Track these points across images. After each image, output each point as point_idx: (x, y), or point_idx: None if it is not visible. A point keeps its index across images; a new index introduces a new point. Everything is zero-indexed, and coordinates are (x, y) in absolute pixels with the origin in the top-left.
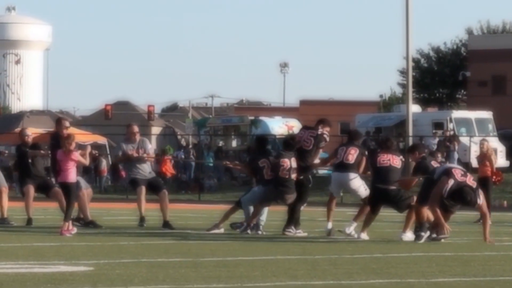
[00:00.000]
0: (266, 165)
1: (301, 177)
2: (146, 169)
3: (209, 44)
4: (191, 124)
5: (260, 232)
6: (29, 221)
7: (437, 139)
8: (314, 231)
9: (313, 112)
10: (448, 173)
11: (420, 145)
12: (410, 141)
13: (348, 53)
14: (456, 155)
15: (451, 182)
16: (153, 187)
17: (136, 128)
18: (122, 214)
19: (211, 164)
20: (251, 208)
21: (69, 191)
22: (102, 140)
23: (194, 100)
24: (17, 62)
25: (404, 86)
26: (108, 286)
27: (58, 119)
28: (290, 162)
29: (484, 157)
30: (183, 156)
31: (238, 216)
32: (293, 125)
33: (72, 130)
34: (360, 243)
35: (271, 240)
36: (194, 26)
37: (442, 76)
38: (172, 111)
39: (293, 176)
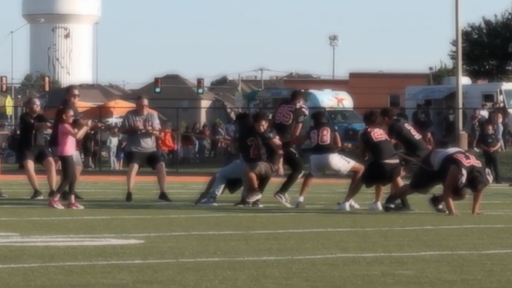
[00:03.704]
0: (254, 144)
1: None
2: (149, 143)
3: (259, 17)
4: (241, 97)
5: (215, 204)
6: (36, 193)
7: (487, 111)
8: (364, 203)
9: (363, 85)
10: (454, 161)
11: (389, 109)
12: (460, 114)
13: (398, 26)
14: (501, 127)
15: (465, 173)
16: (151, 160)
17: (146, 101)
18: (172, 187)
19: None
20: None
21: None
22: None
23: (243, 73)
24: (67, 36)
25: (454, 58)
26: (158, 259)
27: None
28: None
29: None
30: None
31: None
32: (343, 98)
33: (122, 103)
34: (411, 215)
35: (322, 212)
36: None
37: (492, 48)
38: (222, 84)
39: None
